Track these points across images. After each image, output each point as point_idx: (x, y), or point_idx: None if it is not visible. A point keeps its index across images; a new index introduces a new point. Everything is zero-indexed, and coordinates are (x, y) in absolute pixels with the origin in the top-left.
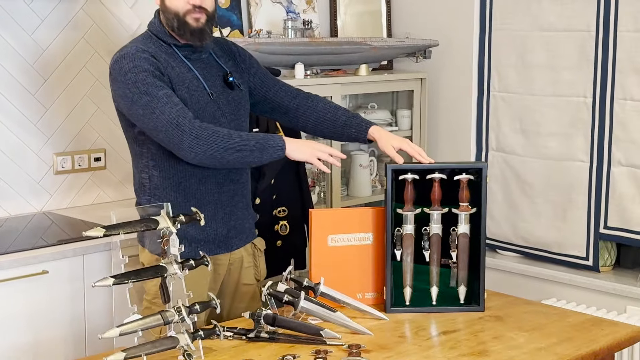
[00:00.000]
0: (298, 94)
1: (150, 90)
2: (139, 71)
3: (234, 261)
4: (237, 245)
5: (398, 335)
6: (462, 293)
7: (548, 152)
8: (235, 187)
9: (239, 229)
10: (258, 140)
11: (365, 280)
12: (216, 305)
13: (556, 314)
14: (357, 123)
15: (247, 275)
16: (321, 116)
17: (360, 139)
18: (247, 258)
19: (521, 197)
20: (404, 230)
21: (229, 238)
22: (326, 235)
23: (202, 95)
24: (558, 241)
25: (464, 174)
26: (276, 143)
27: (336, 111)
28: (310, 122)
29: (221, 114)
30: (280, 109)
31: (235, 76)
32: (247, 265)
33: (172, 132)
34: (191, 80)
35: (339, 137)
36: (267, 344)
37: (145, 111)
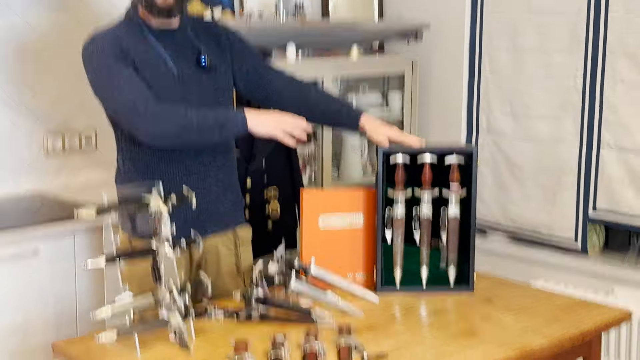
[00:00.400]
0: (291, 82)
1: (112, 72)
2: (103, 54)
3: (210, 248)
4: (212, 230)
5: (388, 316)
6: (451, 274)
7: (538, 135)
8: (207, 170)
9: (212, 212)
10: (217, 117)
11: (356, 261)
12: (207, 285)
13: (544, 295)
14: (348, 111)
15: (226, 264)
16: (313, 104)
17: (351, 127)
18: (225, 246)
19: (511, 180)
20: (394, 211)
21: (200, 221)
22: (317, 215)
23: (167, 78)
24: (547, 223)
25: (454, 157)
26: (237, 119)
27: (328, 99)
28: (302, 110)
29: (191, 96)
30: (273, 96)
31: (214, 57)
32: (226, 253)
33: (129, 115)
34: (157, 62)
35: (330, 125)
36: (258, 324)
37: (107, 94)
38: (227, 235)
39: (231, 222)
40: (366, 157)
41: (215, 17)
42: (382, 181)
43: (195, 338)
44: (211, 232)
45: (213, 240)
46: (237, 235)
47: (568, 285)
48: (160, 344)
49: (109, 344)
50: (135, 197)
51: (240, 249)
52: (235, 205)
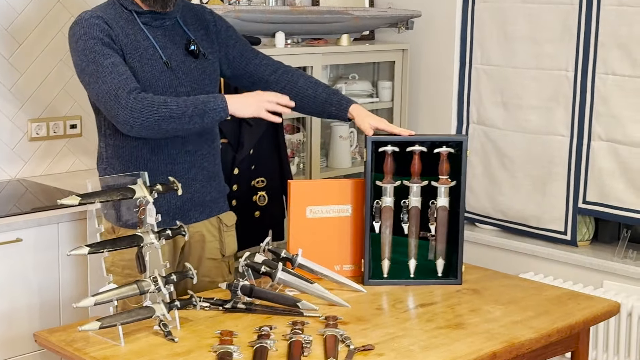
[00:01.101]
0: (278, 68)
1: (97, 58)
2: (89, 38)
3: (193, 235)
4: (196, 219)
5: (375, 308)
6: (440, 266)
7: (528, 126)
8: (192, 159)
9: (197, 202)
10: (197, 104)
11: (344, 252)
12: (193, 275)
13: (533, 287)
14: (338, 100)
15: (210, 250)
16: (301, 92)
17: (340, 117)
18: (210, 232)
19: (501, 171)
20: (383, 202)
21: (184, 210)
22: (305, 206)
23: (156, 64)
24: (537, 215)
25: (444, 147)
26: (217, 105)
27: (316, 87)
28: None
29: (179, 83)
30: (260, 83)
31: (203, 45)
32: (211, 239)
33: (110, 103)
34: (146, 49)
35: (318, 114)
36: (243, 315)
37: (91, 79)
38: (211, 222)
39: (215, 209)
40: (355, 146)
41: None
42: (371, 171)
43: (180, 328)
44: (195, 220)
45: (197, 226)
46: (221, 221)
47: (557, 278)
48: (145, 334)
49: (92, 334)
50: (120, 185)
51: (224, 234)
52: (219, 193)
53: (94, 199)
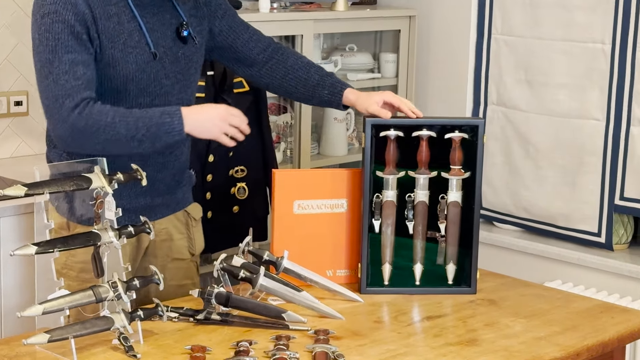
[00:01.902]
0: (268, 46)
1: (57, 48)
2: (58, 20)
3: (159, 232)
4: (163, 214)
5: (374, 320)
6: (450, 272)
7: (557, 108)
8: (165, 160)
9: (165, 201)
10: (150, 126)
11: (337, 255)
12: (159, 280)
13: (560, 298)
14: (331, 84)
15: (178, 248)
16: (290, 73)
17: (334, 103)
18: (177, 229)
19: (524, 161)
20: (384, 196)
21: (152, 207)
22: (292, 200)
23: (142, 54)
24: (566, 213)
25: (456, 132)
26: (173, 127)
27: (308, 69)
28: (276, 79)
29: (164, 74)
30: (246, 61)
31: (193, 25)
32: (179, 237)
33: (52, 110)
34: (130, 34)
35: (308, 99)
36: (218, 328)
37: (42, 69)
38: (178, 217)
39: (182, 203)
40: (352, 130)
41: None
42: (371, 160)
43: (143, 343)
44: (161, 216)
45: (163, 223)
46: (188, 215)
47: (589, 287)
48: (102, 349)
49: (39, 349)
50: (74, 173)
51: (193, 230)
52: (188, 184)
53: (42, 190)
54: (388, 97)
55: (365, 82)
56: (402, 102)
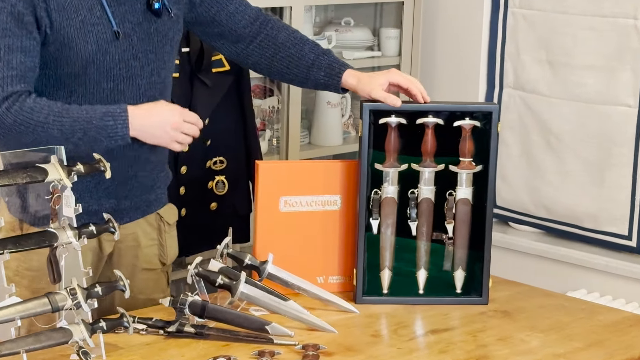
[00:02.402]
0: (257, 18)
1: None
2: None
3: (125, 238)
4: (131, 218)
5: (371, 334)
6: (459, 279)
7: (582, 93)
8: (138, 153)
9: (136, 203)
10: (89, 130)
11: (330, 260)
12: (124, 287)
13: (584, 310)
14: (328, 64)
15: (147, 257)
16: (281, 51)
17: (331, 87)
18: (147, 234)
19: (544, 153)
20: (383, 192)
21: (119, 210)
22: (278, 196)
23: (103, 33)
24: (592, 213)
25: (467, 119)
26: (116, 131)
27: (302, 46)
28: (265, 57)
29: (132, 55)
30: (230, 37)
31: None
32: (148, 243)
33: None
34: (90, 9)
35: (302, 82)
36: (193, 342)
37: None
38: (149, 220)
39: (154, 204)
40: (349, 116)
41: None
42: (369, 150)
43: (106, 358)
44: (129, 219)
45: (130, 227)
46: (161, 219)
47: (617, 297)
48: None
49: None
50: (28, 164)
51: (165, 236)
52: (162, 183)
53: None
54: (394, 78)
55: (363, 61)
56: (412, 83)
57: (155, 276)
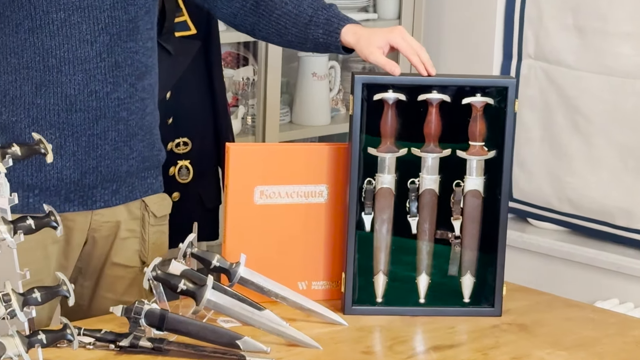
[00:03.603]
0: None
1: None
2: None
3: (100, 226)
4: (104, 201)
5: (362, 351)
6: (467, 286)
7: (617, 65)
8: (103, 106)
9: (106, 175)
10: None
11: (314, 262)
12: (68, 293)
13: (615, 323)
14: (327, 19)
15: (122, 251)
16: (278, 8)
17: (331, 46)
18: (126, 224)
19: (571, 136)
20: (378, 182)
21: (85, 187)
22: (252, 186)
23: None
24: (626, 208)
25: (478, 95)
26: None
27: (301, 1)
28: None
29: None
30: None
31: None
32: (126, 235)
33: None
34: None
35: (301, 43)
36: (149, 358)
37: None
38: (130, 208)
39: (139, 188)
40: (338, 91)
41: None
42: (361, 132)
43: None
44: (103, 204)
45: (106, 214)
46: (146, 208)
47: None
48: None
49: None
50: None
51: (149, 229)
52: (146, 161)
53: None
54: (394, 40)
55: None
56: (413, 51)
57: (130, 275)
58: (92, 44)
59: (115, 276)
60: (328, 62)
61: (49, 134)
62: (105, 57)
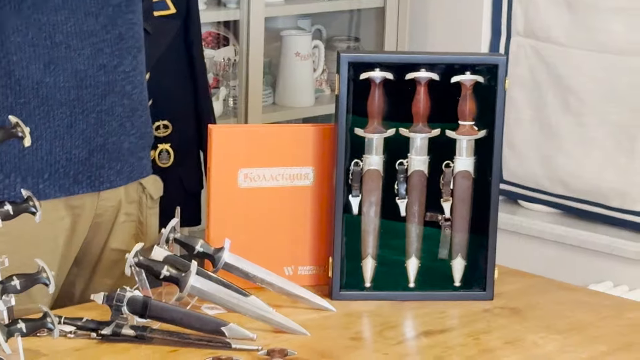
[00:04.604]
0: None
1: None
2: None
3: (106, 211)
4: (109, 181)
5: (350, 337)
6: (457, 270)
7: (610, 42)
8: (109, 79)
9: (112, 152)
10: None
11: (300, 246)
12: (48, 280)
13: (609, 306)
14: None
15: (120, 235)
16: None
17: None
18: (124, 208)
19: (562, 116)
20: (366, 164)
21: (92, 166)
22: (236, 169)
23: None
24: (620, 189)
25: (468, 74)
26: None
27: None
28: None
29: None
30: None
31: None
32: (124, 219)
33: None
34: None
35: None
36: (132, 347)
37: None
38: (129, 191)
39: (138, 169)
40: (322, 70)
41: None
42: (347, 112)
43: None
44: (109, 185)
45: (110, 196)
46: (144, 191)
47: None
48: None
49: None
50: None
51: (147, 212)
52: (143, 138)
53: None
54: None
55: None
56: None
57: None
58: (96, 16)
59: (112, 261)
60: (312, 41)
61: (59, 113)
62: (110, 29)
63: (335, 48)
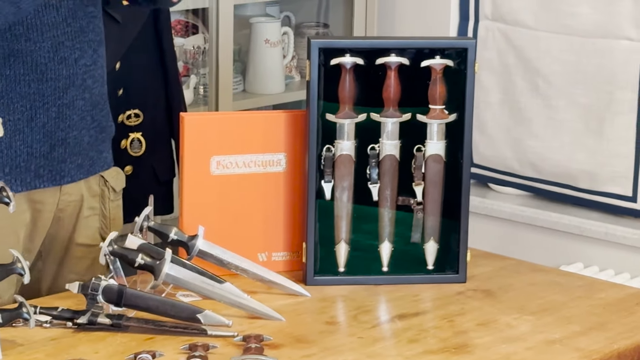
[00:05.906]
0: None
1: None
2: None
3: (67, 205)
4: (70, 175)
5: (325, 321)
6: (430, 253)
7: (576, 24)
8: (71, 73)
9: (73, 147)
10: None
11: (273, 232)
12: (23, 270)
13: (581, 286)
14: None
15: (85, 229)
16: None
17: None
18: (87, 202)
19: (531, 99)
20: (337, 149)
21: (54, 160)
22: (208, 156)
23: None
24: (589, 171)
25: (437, 58)
26: None
27: None
28: None
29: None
30: None
31: None
32: (88, 213)
33: None
34: None
35: None
36: (108, 335)
37: None
38: (90, 184)
39: (98, 162)
40: (292, 57)
41: None
42: (319, 98)
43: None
44: (71, 179)
45: (72, 190)
46: (106, 184)
47: (621, 272)
48: None
49: None
50: None
51: (110, 205)
52: (103, 132)
53: None
54: None
55: None
56: None
57: (93, 254)
58: (57, 9)
59: (78, 257)
60: (281, 28)
61: (19, 107)
62: (71, 22)
63: (304, 34)
